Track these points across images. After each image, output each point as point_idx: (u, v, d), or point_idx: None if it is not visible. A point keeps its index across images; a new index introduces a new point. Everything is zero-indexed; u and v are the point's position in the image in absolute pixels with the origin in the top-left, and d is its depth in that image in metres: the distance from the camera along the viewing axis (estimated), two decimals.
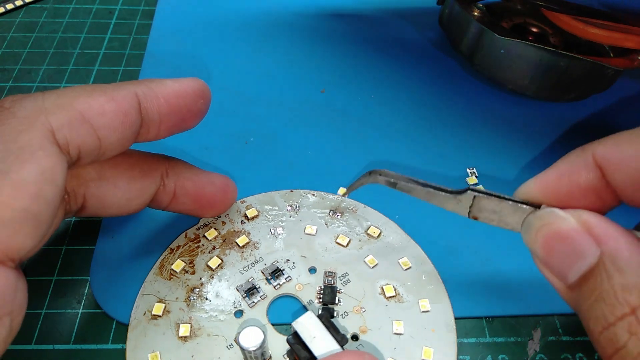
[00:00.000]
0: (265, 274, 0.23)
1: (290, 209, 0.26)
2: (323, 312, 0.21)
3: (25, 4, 0.38)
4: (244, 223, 0.25)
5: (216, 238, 0.25)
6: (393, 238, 0.25)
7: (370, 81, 0.34)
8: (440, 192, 0.20)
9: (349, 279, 0.23)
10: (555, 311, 0.23)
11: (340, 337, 0.19)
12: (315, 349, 0.19)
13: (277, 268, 0.24)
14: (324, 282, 0.23)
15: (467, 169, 0.29)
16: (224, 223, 0.25)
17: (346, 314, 0.22)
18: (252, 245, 0.25)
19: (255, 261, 0.24)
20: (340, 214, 0.26)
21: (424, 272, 0.24)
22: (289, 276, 0.24)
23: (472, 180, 0.28)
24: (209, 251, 0.24)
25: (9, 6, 0.38)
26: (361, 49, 0.36)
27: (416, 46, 0.36)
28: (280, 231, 0.25)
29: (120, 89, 0.18)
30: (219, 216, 0.25)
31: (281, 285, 0.23)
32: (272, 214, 0.26)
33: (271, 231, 0.25)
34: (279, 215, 0.26)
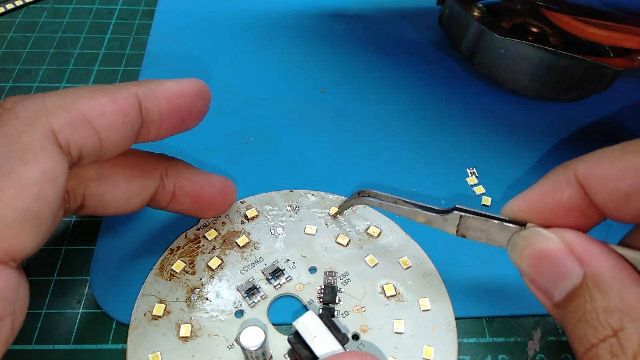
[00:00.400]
0: (266, 274, 0.23)
1: (290, 209, 0.26)
2: (324, 312, 0.21)
3: (25, 4, 0.38)
4: (244, 223, 0.25)
5: (216, 238, 0.25)
6: (393, 237, 0.25)
7: (370, 81, 0.34)
8: (427, 212, 0.20)
9: (349, 279, 0.24)
10: None
11: (342, 337, 0.19)
12: (317, 348, 0.19)
13: (278, 268, 0.24)
14: (325, 282, 0.23)
15: (467, 169, 0.29)
16: (224, 223, 0.25)
17: (347, 314, 0.22)
18: (252, 245, 0.25)
19: (256, 261, 0.24)
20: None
21: (424, 271, 0.24)
22: (289, 276, 0.24)
23: (472, 180, 0.28)
24: (209, 251, 0.24)
25: (9, 6, 0.38)
26: (361, 49, 0.36)
27: (416, 46, 0.36)
28: (280, 231, 0.25)
29: (121, 90, 0.18)
30: (219, 216, 0.25)
31: (281, 285, 0.23)
32: (272, 214, 0.26)
33: (271, 231, 0.25)
34: (279, 216, 0.26)
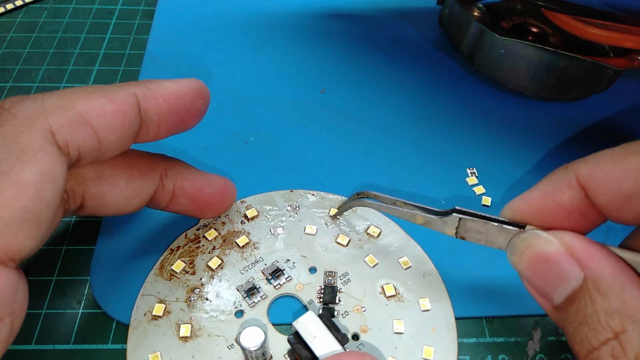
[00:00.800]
0: (266, 274, 0.23)
1: (290, 209, 0.26)
2: (324, 312, 0.21)
3: (25, 4, 0.38)
4: (244, 223, 0.25)
5: (216, 238, 0.25)
6: (393, 237, 0.25)
7: (370, 81, 0.34)
8: (426, 213, 0.20)
9: (349, 279, 0.24)
10: None
11: (342, 337, 0.19)
12: (317, 348, 0.19)
13: (278, 268, 0.24)
14: (324, 282, 0.23)
15: (467, 169, 0.29)
16: (223, 223, 0.25)
17: (347, 314, 0.22)
18: (252, 245, 0.25)
19: (256, 261, 0.24)
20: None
21: (424, 272, 0.24)
22: (289, 276, 0.24)
23: (472, 180, 0.28)
24: (209, 251, 0.24)
25: (9, 6, 0.38)
26: (361, 49, 0.36)
27: (416, 46, 0.36)
28: (280, 231, 0.25)
29: (119, 90, 0.18)
30: (219, 216, 0.25)
31: (281, 285, 0.23)
32: (272, 214, 0.26)
33: (271, 231, 0.25)
34: (278, 215, 0.26)
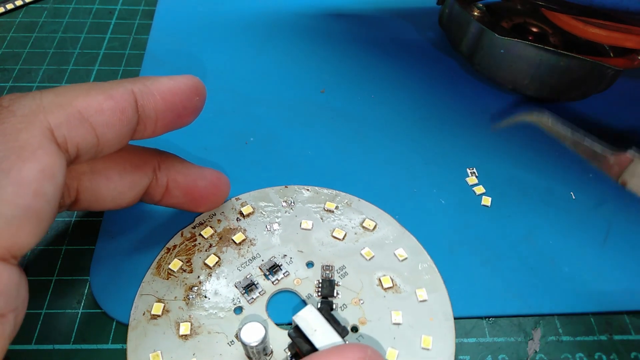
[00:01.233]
0: (263, 270, 0.24)
1: (285, 205, 0.26)
2: (323, 305, 0.21)
3: (25, 4, 0.38)
4: (240, 220, 0.25)
5: (212, 236, 0.25)
6: (388, 230, 0.25)
7: (370, 81, 0.34)
8: (598, 144, 0.19)
9: (346, 272, 0.24)
10: (555, 311, 0.23)
11: (341, 329, 0.19)
12: (317, 341, 0.19)
13: (275, 264, 0.24)
14: (322, 276, 0.23)
15: (467, 169, 0.29)
16: (219, 221, 0.25)
17: (345, 306, 0.23)
18: (248, 242, 0.25)
19: (253, 257, 0.24)
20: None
21: (419, 262, 0.24)
22: (287, 271, 0.24)
23: (472, 180, 0.28)
24: (206, 249, 0.24)
25: (9, 6, 0.38)
26: (361, 49, 0.36)
27: (416, 46, 0.36)
28: (276, 227, 0.25)
29: (117, 87, 0.18)
30: (214, 214, 0.26)
31: (279, 281, 0.23)
32: (268, 210, 0.26)
33: (267, 227, 0.25)
34: (274, 212, 0.26)
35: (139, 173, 0.21)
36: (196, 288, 0.23)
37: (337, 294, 0.23)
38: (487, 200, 0.27)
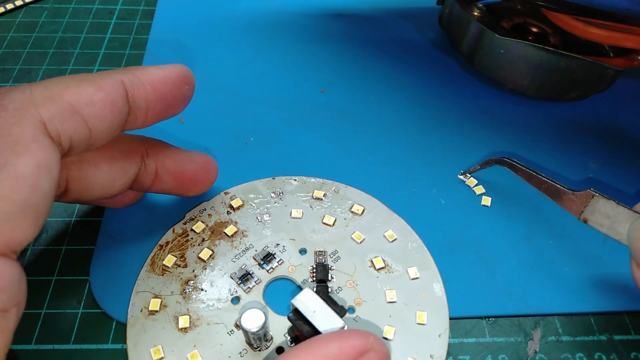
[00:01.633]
0: (257, 260, 0.24)
1: (274, 196, 0.26)
2: (320, 288, 0.21)
3: (25, 4, 0.38)
4: (230, 213, 0.26)
5: (204, 230, 0.25)
6: (376, 213, 0.26)
7: (370, 81, 0.34)
8: (557, 185, 0.20)
9: (339, 256, 0.24)
10: (555, 311, 0.23)
11: (340, 309, 0.20)
12: (317, 322, 0.19)
13: (268, 253, 0.24)
14: (316, 261, 0.24)
15: (465, 174, 0.29)
16: (210, 215, 0.25)
17: (340, 289, 0.23)
18: (240, 233, 0.25)
19: (246, 248, 0.24)
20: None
21: (409, 242, 0.25)
22: (281, 259, 0.24)
23: (472, 180, 0.28)
24: (199, 244, 0.24)
25: (9, 6, 0.38)
26: (361, 49, 0.36)
27: (416, 46, 0.36)
28: (267, 218, 0.25)
29: (107, 78, 0.18)
30: (205, 209, 0.26)
31: (274, 269, 0.24)
32: (257, 202, 0.26)
33: (258, 218, 0.25)
34: (263, 203, 0.26)
35: (127, 160, 0.21)
36: (192, 282, 0.23)
37: (332, 277, 0.23)
38: (487, 200, 0.27)
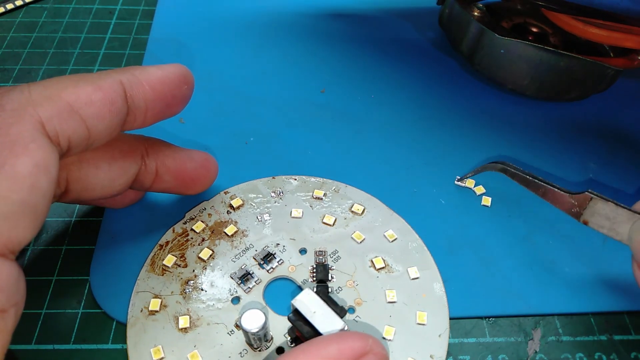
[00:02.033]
0: (257, 260, 0.24)
1: (274, 195, 0.26)
2: (320, 288, 0.21)
3: (25, 4, 0.38)
4: (230, 213, 0.26)
5: (204, 230, 0.25)
6: (376, 213, 0.26)
7: (370, 81, 0.34)
8: (555, 189, 0.20)
9: (339, 256, 0.24)
10: (555, 311, 0.23)
11: (340, 310, 0.20)
12: (317, 323, 0.19)
13: (269, 253, 0.24)
14: (316, 261, 0.24)
15: (464, 178, 0.29)
16: (210, 215, 0.26)
17: (340, 289, 0.23)
18: (240, 233, 0.25)
19: (246, 248, 0.24)
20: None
21: (409, 242, 0.25)
22: (281, 259, 0.24)
23: (470, 182, 0.28)
24: (199, 243, 0.24)
25: (9, 6, 0.38)
26: (361, 49, 0.36)
27: (416, 46, 0.36)
28: (267, 217, 0.26)
29: (105, 78, 0.18)
30: (205, 208, 0.26)
31: (274, 269, 0.24)
32: (257, 202, 0.26)
33: (258, 218, 0.25)
34: (263, 202, 0.26)
35: (127, 160, 0.21)
36: (192, 282, 0.23)
37: (332, 277, 0.23)
38: (487, 200, 0.27)
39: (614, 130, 0.31)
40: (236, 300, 0.23)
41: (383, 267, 0.24)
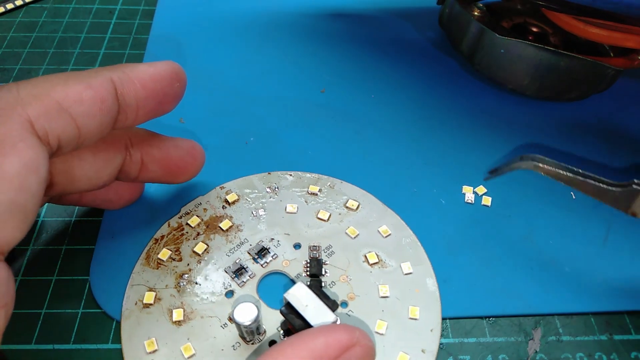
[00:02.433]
0: (252, 254, 0.24)
1: (269, 191, 0.27)
2: (312, 282, 0.22)
3: (25, 4, 0.38)
4: (225, 208, 0.26)
5: (199, 225, 0.25)
6: (371, 208, 0.26)
7: (370, 81, 0.34)
8: (600, 184, 0.19)
9: (333, 251, 0.24)
10: (555, 311, 0.23)
11: (331, 303, 0.20)
12: (309, 316, 0.19)
13: (263, 247, 0.24)
14: (310, 256, 0.24)
15: (463, 186, 0.29)
16: (205, 210, 0.26)
17: (334, 284, 0.23)
18: (235, 228, 0.25)
19: (241, 243, 0.24)
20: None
21: (403, 237, 0.25)
22: (275, 254, 0.24)
23: (467, 189, 0.28)
24: (194, 237, 0.25)
25: (9, 6, 0.38)
26: (361, 49, 0.36)
27: (416, 46, 0.36)
28: (262, 212, 0.26)
29: (95, 76, 0.18)
30: (200, 203, 0.26)
31: (268, 263, 0.24)
32: (252, 197, 0.26)
33: (253, 213, 0.26)
34: (259, 198, 0.26)
35: (111, 151, 0.21)
36: (186, 275, 0.23)
37: (325, 272, 0.24)
38: (487, 200, 0.27)
39: (614, 130, 0.31)
40: (230, 294, 0.23)
41: (376, 262, 0.24)
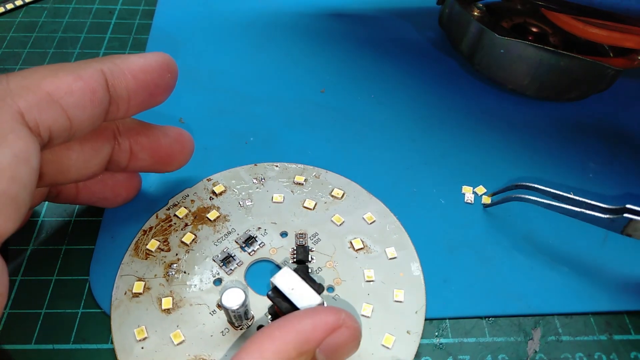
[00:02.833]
0: (239, 243, 0.24)
1: (256, 182, 0.27)
2: (299, 268, 0.22)
3: (25, 4, 0.38)
4: (213, 199, 0.26)
5: (187, 216, 0.25)
6: (356, 196, 0.27)
7: (370, 81, 0.34)
8: (593, 212, 0.20)
9: (319, 238, 0.25)
10: (555, 311, 0.23)
11: (317, 286, 0.20)
12: (295, 299, 0.19)
13: (250, 236, 0.25)
14: (296, 243, 0.24)
15: (463, 187, 0.29)
16: (192, 201, 0.26)
17: (320, 269, 0.24)
18: (223, 218, 0.25)
19: (228, 232, 0.25)
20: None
21: (387, 224, 0.25)
22: (262, 242, 0.24)
23: (467, 189, 0.28)
24: (182, 228, 0.25)
25: (9, 6, 0.38)
26: (361, 49, 0.36)
27: (416, 46, 0.36)
28: (249, 203, 0.26)
29: (85, 67, 0.18)
30: (187, 195, 0.26)
31: (255, 252, 0.24)
32: (239, 188, 0.27)
33: (240, 203, 0.26)
34: (245, 188, 0.27)
35: (99, 140, 0.21)
36: (175, 265, 0.23)
37: (312, 258, 0.24)
38: (487, 200, 0.27)
39: (614, 130, 0.31)
40: (218, 282, 0.23)
41: (362, 248, 0.24)
